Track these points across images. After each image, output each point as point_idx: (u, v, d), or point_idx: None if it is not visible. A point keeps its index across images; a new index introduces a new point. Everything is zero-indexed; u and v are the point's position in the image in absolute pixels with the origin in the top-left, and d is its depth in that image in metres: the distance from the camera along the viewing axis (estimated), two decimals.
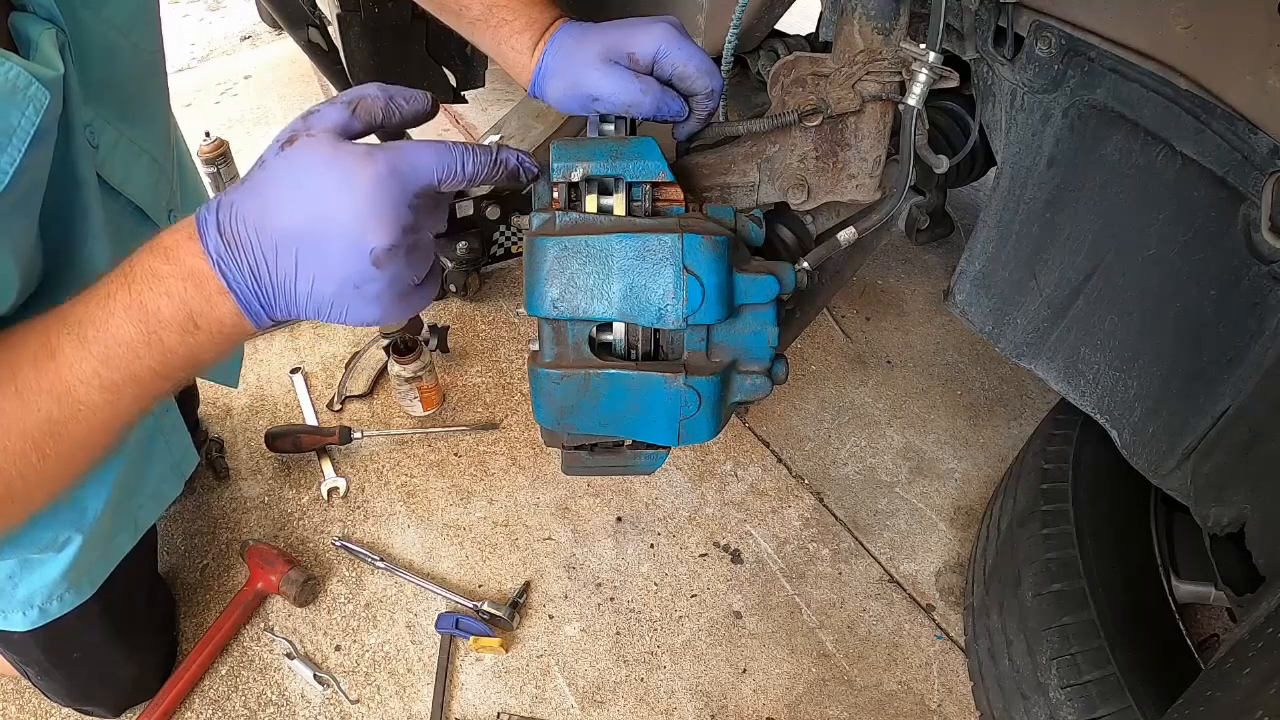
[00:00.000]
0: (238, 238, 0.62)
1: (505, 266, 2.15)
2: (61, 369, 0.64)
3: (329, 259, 0.62)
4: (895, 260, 2.28)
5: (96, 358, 0.63)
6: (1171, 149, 0.87)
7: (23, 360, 0.64)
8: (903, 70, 0.90)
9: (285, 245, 0.62)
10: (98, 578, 1.18)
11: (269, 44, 3.30)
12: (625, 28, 0.88)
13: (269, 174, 0.62)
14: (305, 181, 0.61)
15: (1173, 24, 0.80)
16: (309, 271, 0.62)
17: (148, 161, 0.99)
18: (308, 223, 0.61)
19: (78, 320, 0.64)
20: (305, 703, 1.42)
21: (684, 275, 0.76)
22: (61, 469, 0.69)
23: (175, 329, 0.63)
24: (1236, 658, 0.76)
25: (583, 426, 0.84)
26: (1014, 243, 1.10)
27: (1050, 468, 1.35)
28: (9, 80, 0.64)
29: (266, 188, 0.62)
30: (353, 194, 0.61)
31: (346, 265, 0.62)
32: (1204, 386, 0.94)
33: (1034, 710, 1.19)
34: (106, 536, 1.17)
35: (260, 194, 0.62)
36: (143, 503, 1.23)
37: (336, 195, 0.61)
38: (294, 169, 0.62)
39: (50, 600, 1.13)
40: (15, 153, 0.66)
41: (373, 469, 1.76)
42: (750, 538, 1.65)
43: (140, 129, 0.96)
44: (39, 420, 0.64)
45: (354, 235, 0.61)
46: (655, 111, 0.88)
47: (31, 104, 0.66)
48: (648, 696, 1.43)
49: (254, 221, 0.62)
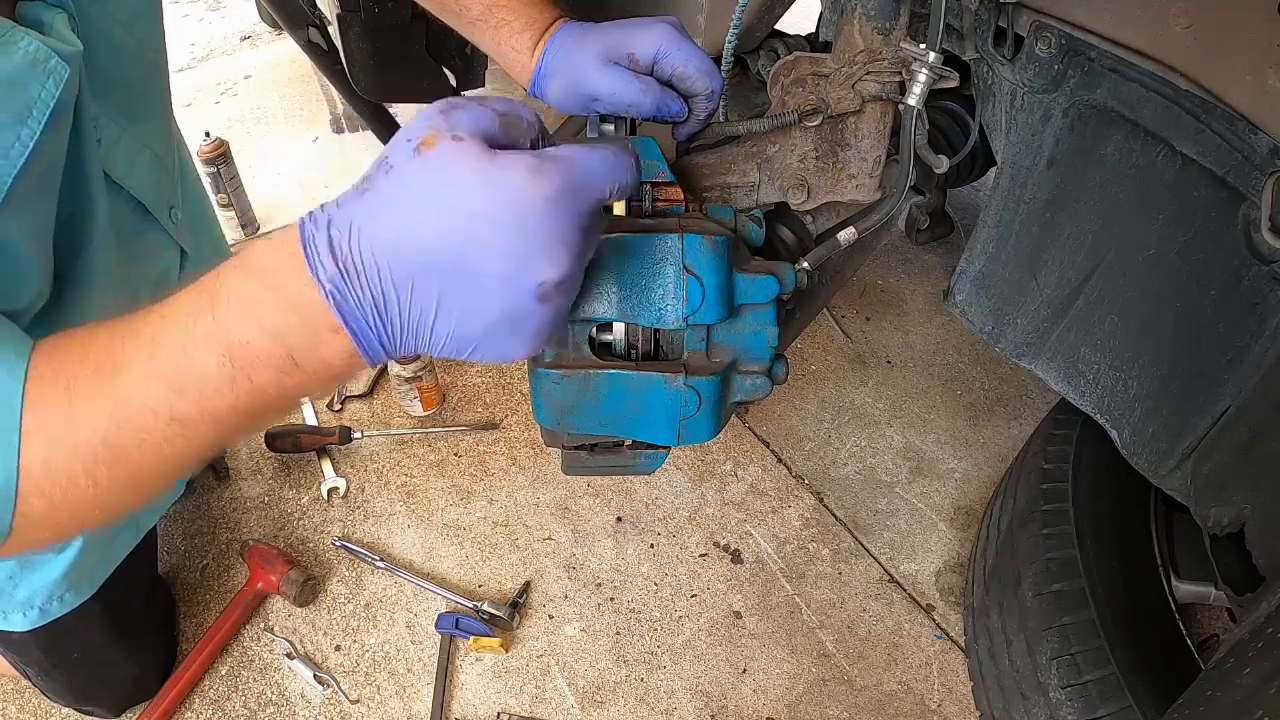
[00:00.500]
0: (359, 266, 0.50)
1: None
2: (127, 389, 0.53)
3: (483, 296, 0.50)
4: (895, 260, 2.28)
5: (169, 385, 0.53)
6: (1171, 149, 0.87)
7: (81, 368, 0.55)
8: (903, 70, 0.90)
9: (425, 279, 0.50)
10: (98, 578, 1.18)
11: (269, 44, 3.30)
12: (625, 28, 0.88)
13: (400, 184, 0.50)
14: (452, 199, 0.49)
15: (1173, 24, 0.80)
16: (454, 310, 0.51)
17: (150, 157, 0.99)
18: (457, 252, 0.49)
19: (151, 336, 0.54)
20: (305, 703, 1.42)
21: (684, 275, 0.76)
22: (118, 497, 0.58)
23: (270, 368, 0.52)
24: (1236, 658, 0.76)
25: (583, 426, 0.84)
26: (1014, 243, 1.10)
27: (1050, 468, 1.35)
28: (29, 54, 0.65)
29: (397, 203, 0.49)
30: (519, 218, 0.49)
31: (505, 302, 0.51)
32: (1204, 386, 0.93)
33: (1034, 710, 1.19)
34: (107, 538, 1.17)
35: (389, 210, 0.49)
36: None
37: (498, 219, 0.48)
38: (436, 181, 0.49)
39: (50, 601, 1.13)
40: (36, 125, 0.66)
41: (373, 469, 1.76)
42: (750, 538, 1.65)
43: (143, 125, 0.97)
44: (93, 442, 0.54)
45: (520, 269, 0.50)
46: (655, 112, 0.87)
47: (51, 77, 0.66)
48: (648, 696, 1.43)
49: (382, 246, 0.49)
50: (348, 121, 2.78)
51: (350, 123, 2.77)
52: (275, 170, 2.61)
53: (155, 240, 1.04)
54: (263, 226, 2.37)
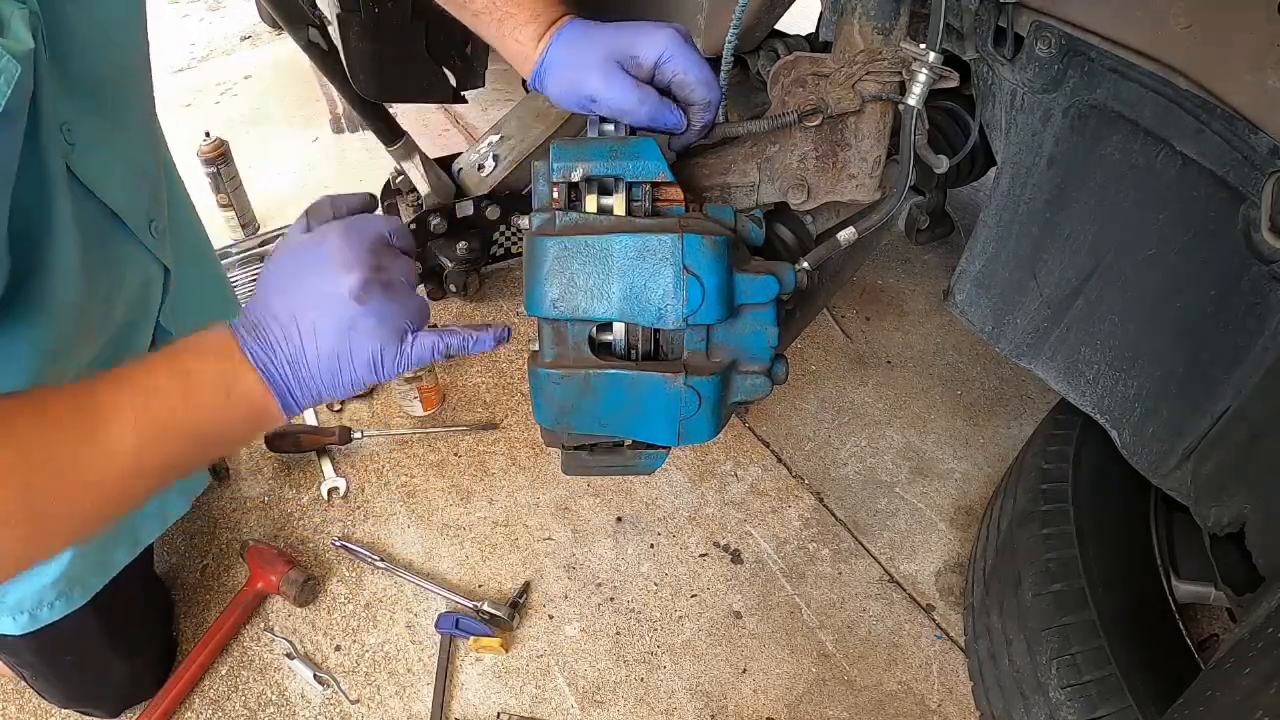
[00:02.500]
0: (255, 322, 0.71)
1: (505, 266, 2.15)
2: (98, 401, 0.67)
3: (321, 311, 0.71)
4: (895, 260, 2.28)
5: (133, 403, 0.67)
6: (1171, 149, 0.87)
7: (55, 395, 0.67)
8: (903, 70, 0.90)
9: (287, 316, 0.71)
10: (91, 587, 1.18)
11: (269, 44, 3.30)
12: (631, 30, 0.88)
13: (265, 282, 0.74)
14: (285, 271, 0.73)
15: (1173, 24, 0.80)
16: (310, 332, 0.71)
17: (127, 164, 0.97)
18: (298, 292, 0.72)
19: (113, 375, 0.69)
20: (305, 703, 1.42)
21: (684, 275, 0.76)
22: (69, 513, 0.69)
23: (210, 388, 0.70)
24: (1236, 658, 0.76)
25: (583, 426, 0.84)
26: (1014, 243, 1.10)
27: (1050, 468, 1.34)
28: None
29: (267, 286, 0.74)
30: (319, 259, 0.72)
31: (335, 313, 0.71)
32: (1204, 386, 0.94)
33: (1034, 710, 1.19)
34: (103, 550, 1.16)
35: (264, 291, 0.74)
36: (145, 521, 1.23)
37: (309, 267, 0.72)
38: (278, 268, 0.74)
39: (40, 606, 1.12)
40: None
41: (373, 469, 1.76)
42: (750, 538, 1.65)
43: (121, 130, 0.95)
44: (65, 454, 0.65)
45: (332, 286, 0.71)
46: (650, 122, 0.88)
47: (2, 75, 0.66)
48: (648, 696, 1.43)
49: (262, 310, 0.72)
50: (348, 121, 2.78)
51: (350, 123, 2.77)
52: (275, 170, 2.60)
53: (130, 251, 1.01)
54: (263, 226, 2.37)
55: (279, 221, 2.37)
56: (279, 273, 0.74)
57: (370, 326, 0.71)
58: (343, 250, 0.71)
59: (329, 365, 0.72)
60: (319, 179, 2.57)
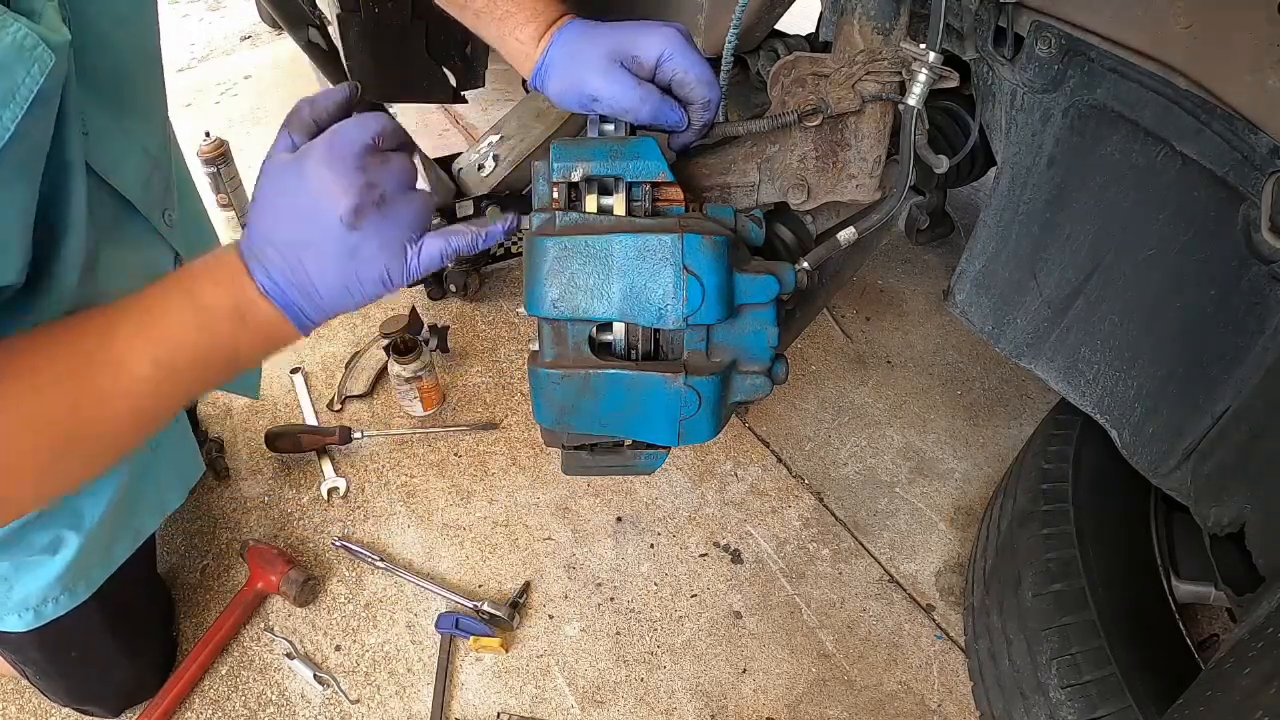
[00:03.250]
0: (264, 253, 0.73)
1: (505, 266, 2.16)
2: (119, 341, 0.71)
3: (319, 245, 0.71)
4: (895, 260, 2.28)
5: (152, 338, 0.71)
6: (1171, 149, 0.87)
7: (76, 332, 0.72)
8: (903, 70, 0.90)
9: (289, 251, 0.72)
10: (95, 581, 1.18)
11: (269, 44, 3.30)
12: (632, 30, 0.88)
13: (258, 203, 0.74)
14: (277, 196, 0.73)
15: (1173, 24, 0.80)
16: (312, 263, 0.72)
17: (140, 154, 0.98)
18: (293, 224, 0.72)
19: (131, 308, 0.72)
20: (305, 703, 1.42)
21: (684, 275, 0.76)
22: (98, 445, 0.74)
23: (225, 318, 0.72)
24: (1236, 658, 0.76)
25: (583, 426, 0.84)
26: (1014, 243, 1.10)
27: (1050, 468, 1.34)
28: (17, 40, 0.65)
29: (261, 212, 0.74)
30: (306, 183, 0.71)
31: (332, 243, 0.71)
32: (1204, 386, 0.94)
33: (1034, 710, 1.19)
34: (105, 543, 1.16)
35: (259, 215, 0.74)
36: (144, 512, 1.23)
37: (297, 193, 0.72)
38: (268, 192, 0.74)
39: (45, 603, 1.13)
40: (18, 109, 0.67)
41: (373, 469, 1.76)
42: (750, 538, 1.65)
43: (135, 122, 0.96)
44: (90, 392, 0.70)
45: (325, 215, 0.71)
46: (651, 120, 0.88)
47: (37, 64, 0.67)
48: (648, 696, 1.43)
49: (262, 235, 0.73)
50: None
51: None
52: None
53: (144, 239, 1.03)
54: None
55: None
56: (272, 199, 0.73)
57: (371, 250, 0.72)
58: (328, 175, 0.71)
59: (338, 290, 0.73)
60: None
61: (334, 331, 2.05)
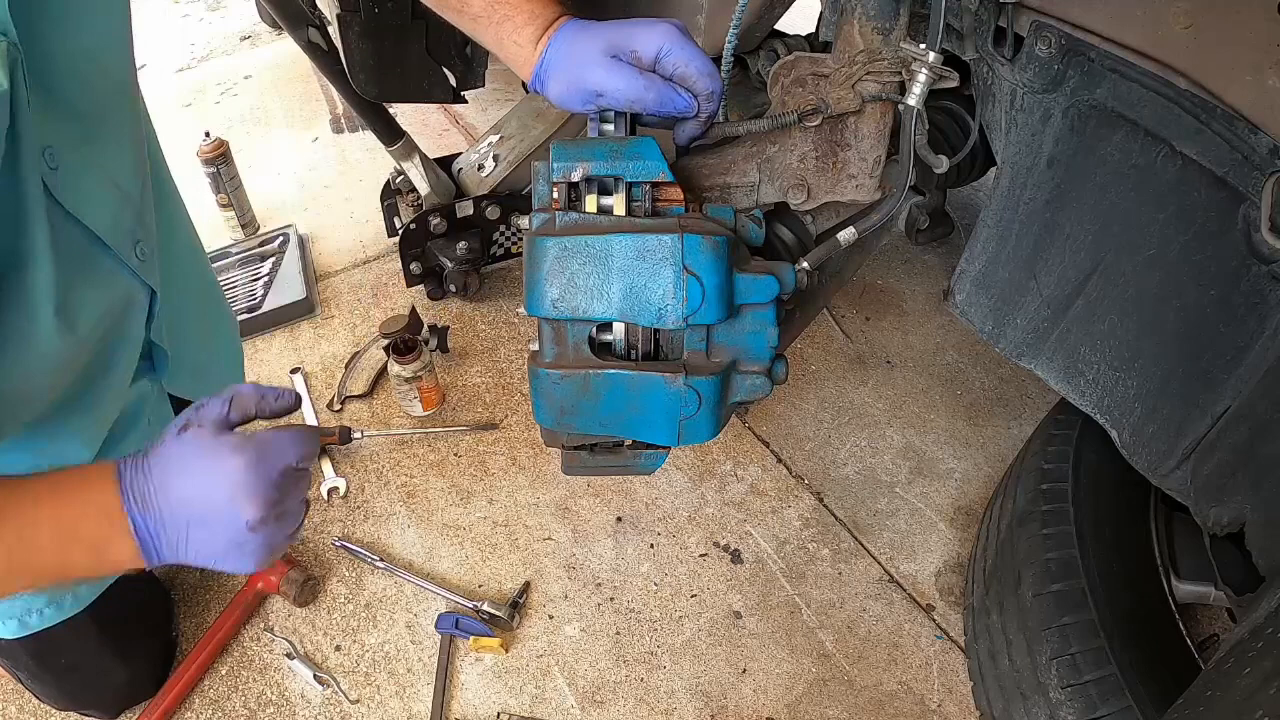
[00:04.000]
0: (145, 499, 0.73)
1: (505, 266, 2.15)
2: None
3: (213, 529, 0.74)
4: (895, 260, 2.28)
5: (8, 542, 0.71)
6: (1171, 149, 0.87)
7: None
8: (903, 70, 0.90)
9: (178, 516, 0.74)
10: (83, 597, 1.17)
11: (269, 44, 3.30)
12: (629, 27, 0.88)
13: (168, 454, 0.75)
14: (191, 466, 0.74)
15: (1173, 24, 0.80)
16: (198, 537, 0.74)
17: (112, 188, 0.95)
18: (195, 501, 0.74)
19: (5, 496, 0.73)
20: (305, 703, 1.42)
21: (684, 275, 0.76)
22: None
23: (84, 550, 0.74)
24: (1236, 658, 0.76)
25: (583, 426, 0.84)
26: (1014, 243, 1.10)
27: (1050, 468, 1.34)
28: None
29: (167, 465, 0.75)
30: (227, 479, 0.73)
31: (227, 534, 0.74)
32: (1204, 386, 0.93)
33: (1034, 710, 1.19)
34: None
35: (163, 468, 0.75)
36: None
37: (213, 480, 0.74)
38: (184, 454, 0.75)
39: (29, 614, 1.12)
40: None
41: (373, 469, 1.76)
42: (750, 538, 1.65)
43: (107, 155, 0.93)
44: None
45: (230, 512, 0.73)
46: (659, 107, 0.88)
47: None
48: (648, 696, 1.43)
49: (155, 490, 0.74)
50: (347, 121, 2.78)
51: (350, 123, 2.77)
52: (275, 170, 2.61)
53: (112, 275, 0.99)
54: (263, 226, 2.37)
55: (279, 221, 2.37)
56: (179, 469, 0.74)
57: (254, 548, 0.76)
58: (249, 483, 0.74)
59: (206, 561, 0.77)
60: (319, 179, 2.57)
61: (334, 331, 2.05)
